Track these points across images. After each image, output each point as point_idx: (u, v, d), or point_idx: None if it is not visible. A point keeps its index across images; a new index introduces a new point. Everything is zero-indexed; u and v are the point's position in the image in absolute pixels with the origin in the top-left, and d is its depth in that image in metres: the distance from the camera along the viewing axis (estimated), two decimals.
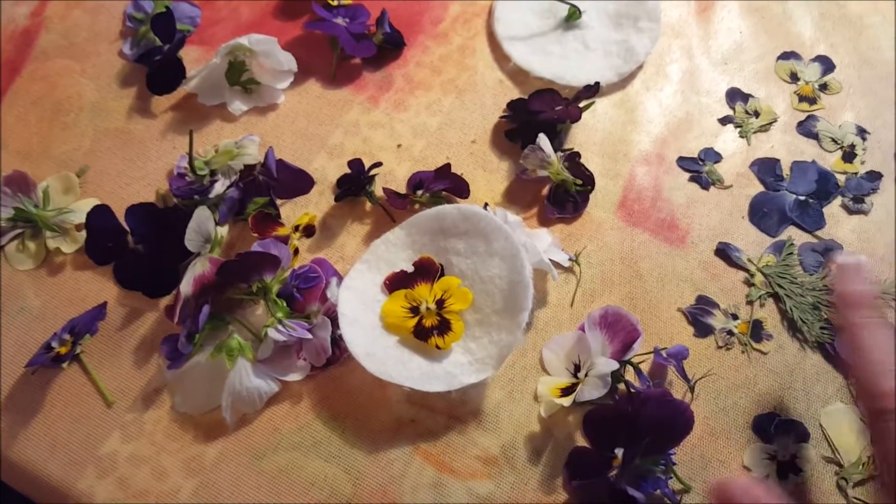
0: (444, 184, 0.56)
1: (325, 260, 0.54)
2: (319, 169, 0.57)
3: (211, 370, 0.49)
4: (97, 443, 0.48)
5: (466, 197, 0.56)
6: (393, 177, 0.57)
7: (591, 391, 0.47)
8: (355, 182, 0.56)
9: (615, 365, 0.47)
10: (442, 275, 0.51)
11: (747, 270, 0.54)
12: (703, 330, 0.52)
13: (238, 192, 0.54)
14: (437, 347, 0.49)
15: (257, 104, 0.59)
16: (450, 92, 0.61)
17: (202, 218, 0.50)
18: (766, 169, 0.58)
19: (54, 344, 0.49)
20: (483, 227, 0.51)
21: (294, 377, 0.50)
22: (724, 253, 0.55)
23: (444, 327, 0.50)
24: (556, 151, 0.56)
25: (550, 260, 0.52)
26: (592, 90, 0.58)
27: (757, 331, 0.52)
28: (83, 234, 0.53)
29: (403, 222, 0.54)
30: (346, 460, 0.48)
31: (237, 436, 0.48)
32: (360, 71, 0.62)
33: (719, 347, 0.52)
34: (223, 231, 0.54)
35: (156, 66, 0.59)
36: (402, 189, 0.56)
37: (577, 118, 0.57)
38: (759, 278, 0.54)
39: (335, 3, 0.63)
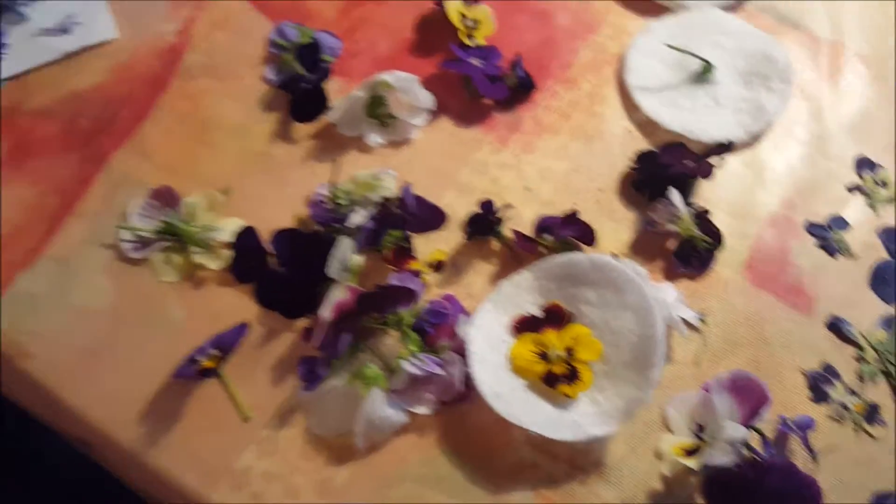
0: (571, 230, 0.57)
1: (454, 296, 0.55)
2: (448, 205, 0.59)
3: (345, 395, 0.51)
4: (233, 457, 0.50)
5: (592, 245, 0.57)
6: (519, 218, 0.59)
7: (719, 456, 0.47)
8: (485, 222, 0.57)
9: (745, 432, 0.48)
10: (570, 322, 0.53)
11: (859, 346, 0.55)
12: (820, 396, 0.53)
13: (374, 224, 0.56)
14: (565, 395, 0.50)
15: (392, 138, 0.61)
16: (578, 137, 0.62)
17: (345, 247, 0.52)
18: (893, 237, 0.58)
19: (200, 357, 0.51)
20: (615, 279, 0.52)
21: (422, 410, 0.51)
22: (836, 327, 0.55)
23: (572, 376, 0.51)
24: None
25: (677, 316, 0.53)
26: (725, 148, 0.59)
27: (873, 414, 0.52)
28: (226, 250, 0.55)
29: (531, 265, 0.55)
30: (468, 498, 0.49)
31: (367, 462, 0.50)
32: (491, 111, 0.63)
33: (830, 418, 0.52)
34: (360, 260, 0.55)
35: (300, 94, 0.61)
36: (528, 231, 0.58)
37: (707, 175, 0.58)
38: (870, 354, 0.54)
39: (471, 43, 0.64)
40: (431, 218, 0.57)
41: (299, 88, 0.61)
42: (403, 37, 0.66)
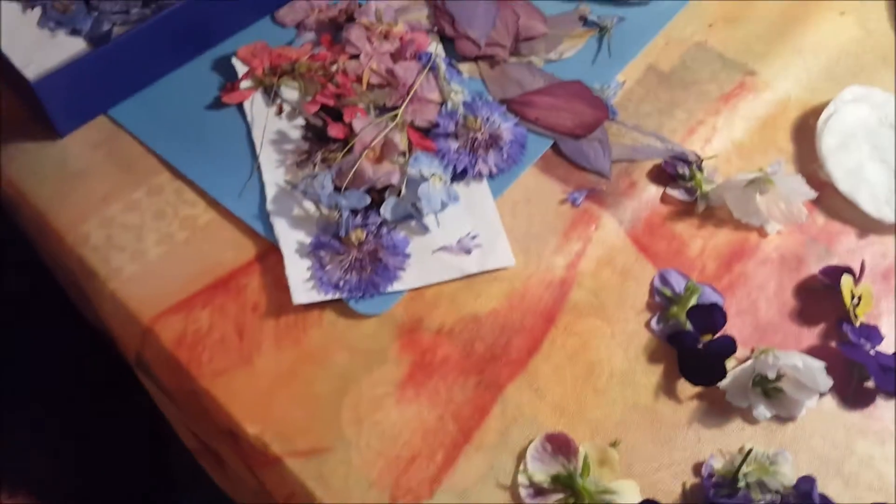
0: None
1: None
2: (833, 497, 0.57)
3: None
4: None
5: None
6: None
7: None
8: None
9: None
10: None
11: None
12: None
13: None
14: None
15: (779, 413, 0.61)
16: None
17: None
18: None
19: None
20: None
21: None
22: None
23: None
24: None
25: None
26: None
27: None
28: None
29: None
30: None
31: None
32: (874, 396, 0.62)
33: None
34: None
35: (689, 353, 0.62)
36: None
37: None
38: None
39: (856, 322, 0.64)
40: None
41: (688, 347, 0.62)
42: (783, 300, 0.66)
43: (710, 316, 0.62)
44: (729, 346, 0.61)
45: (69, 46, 0.72)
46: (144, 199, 0.67)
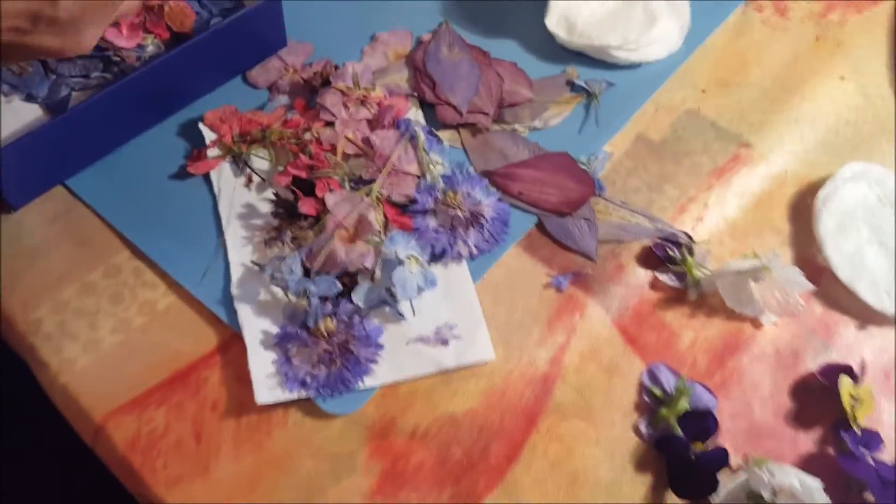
0: None
1: None
2: None
3: None
4: None
5: None
6: None
7: None
8: None
9: None
10: None
11: None
12: None
13: None
14: None
15: None
16: None
17: None
18: None
19: None
20: None
21: None
22: None
23: None
24: None
25: None
26: None
27: None
28: None
29: None
30: None
31: None
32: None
33: None
34: None
35: (679, 462, 0.58)
36: None
37: None
38: None
39: (855, 426, 0.60)
40: None
41: (677, 456, 0.58)
42: (779, 401, 0.63)
43: (702, 423, 0.58)
44: (721, 458, 0.57)
45: (24, 113, 0.68)
46: (101, 282, 0.63)
